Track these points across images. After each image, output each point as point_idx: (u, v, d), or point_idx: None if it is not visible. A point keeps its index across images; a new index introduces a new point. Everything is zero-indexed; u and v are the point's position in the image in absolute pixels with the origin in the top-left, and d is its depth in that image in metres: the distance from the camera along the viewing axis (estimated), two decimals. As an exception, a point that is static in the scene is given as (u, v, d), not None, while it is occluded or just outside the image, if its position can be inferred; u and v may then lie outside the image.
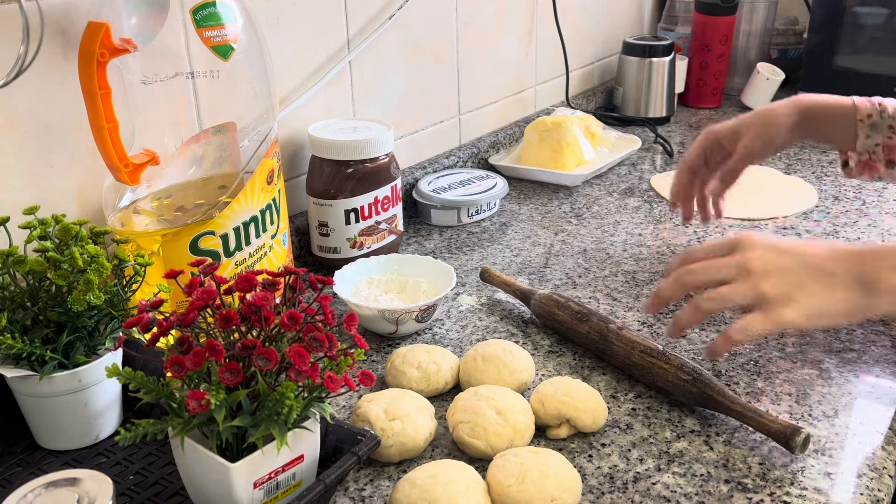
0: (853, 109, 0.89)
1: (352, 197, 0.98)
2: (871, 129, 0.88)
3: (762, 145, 0.92)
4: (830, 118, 0.90)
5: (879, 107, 0.89)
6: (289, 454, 0.56)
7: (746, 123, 0.93)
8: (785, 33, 1.84)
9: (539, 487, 0.61)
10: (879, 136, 0.88)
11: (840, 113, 0.90)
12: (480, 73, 1.36)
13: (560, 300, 0.86)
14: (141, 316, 0.55)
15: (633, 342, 0.78)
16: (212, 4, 0.75)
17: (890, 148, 0.88)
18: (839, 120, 0.90)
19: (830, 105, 0.90)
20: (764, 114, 0.92)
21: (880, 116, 0.88)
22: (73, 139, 0.78)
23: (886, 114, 0.88)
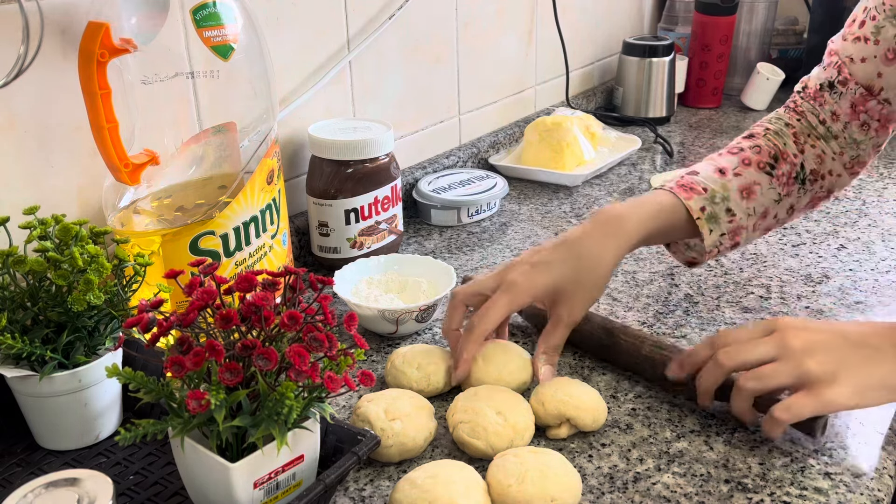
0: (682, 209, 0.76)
1: (352, 197, 0.98)
2: (711, 221, 0.77)
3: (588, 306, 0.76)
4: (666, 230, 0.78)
5: (706, 192, 0.77)
6: (289, 454, 0.56)
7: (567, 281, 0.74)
8: (785, 33, 1.84)
9: (539, 487, 0.61)
10: (723, 226, 0.78)
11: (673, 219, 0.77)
12: (480, 73, 1.36)
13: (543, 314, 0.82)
14: (141, 316, 0.55)
15: (642, 336, 0.77)
16: (212, 4, 0.75)
17: (734, 232, 0.78)
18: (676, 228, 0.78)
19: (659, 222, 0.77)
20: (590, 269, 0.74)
21: (713, 203, 0.77)
22: (73, 139, 0.78)
23: (717, 196, 0.77)
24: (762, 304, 0.93)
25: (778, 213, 0.81)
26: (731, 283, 0.98)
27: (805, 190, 0.80)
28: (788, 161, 0.79)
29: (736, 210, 0.78)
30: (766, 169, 0.78)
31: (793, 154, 0.79)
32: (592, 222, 0.76)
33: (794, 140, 0.80)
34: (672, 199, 0.78)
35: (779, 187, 0.78)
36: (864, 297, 0.94)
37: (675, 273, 1.01)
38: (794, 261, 1.04)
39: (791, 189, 0.79)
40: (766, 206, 0.79)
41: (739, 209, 0.78)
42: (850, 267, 1.02)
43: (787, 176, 0.78)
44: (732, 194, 0.78)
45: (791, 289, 0.96)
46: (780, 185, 0.78)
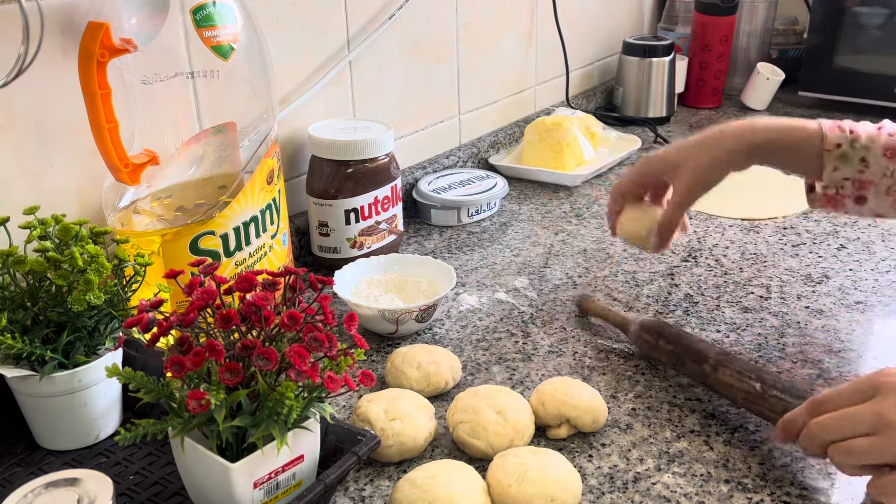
0: (819, 138, 0.76)
1: (352, 197, 0.98)
2: (840, 160, 0.76)
3: (703, 186, 0.79)
4: (791, 149, 0.78)
5: (851, 135, 0.76)
6: (289, 454, 0.56)
7: (686, 155, 0.80)
8: (785, 33, 1.84)
9: (539, 487, 0.61)
10: (849, 170, 0.76)
11: (802, 142, 0.77)
12: (480, 73, 1.36)
13: (651, 342, 0.80)
14: (141, 316, 0.55)
15: (731, 387, 0.72)
16: (212, 4, 0.75)
17: (861, 183, 0.76)
18: (801, 150, 0.77)
19: (791, 134, 0.78)
20: (708, 147, 0.79)
21: (851, 146, 0.75)
22: (73, 139, 0.78)
23: (858, 143, 0.75)
24: (762, 304, 0.93)
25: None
26: (731, 283, 0.98)
27: None
28: None
29: (872, 162, 0.75)
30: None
31: None
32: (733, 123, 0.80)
33: None
34: (815, 126, 0.78)
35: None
36: (865, 297, 0.94)
37: (675, 273, 1.01)
38: (794, 261, 1.04)
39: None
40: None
41: (877, 164, 0.75)
42: (850, 267, 1.02)
43: None
44: (876, 147, 0.75)
45: (791, 289, 0.96)
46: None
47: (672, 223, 0.81)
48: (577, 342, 0.86)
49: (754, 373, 0.71)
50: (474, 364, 0.83)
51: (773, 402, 0.68)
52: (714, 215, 1.18)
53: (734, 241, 1.10)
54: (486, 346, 0.86)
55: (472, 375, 0.81)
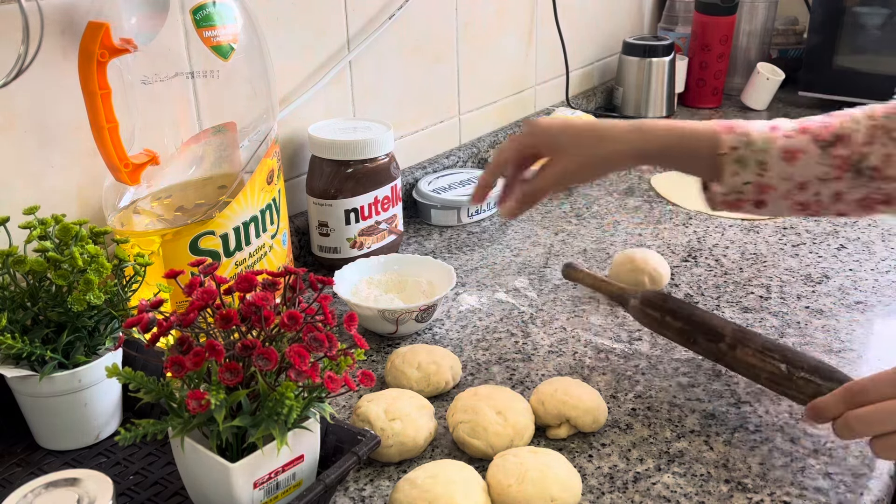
0: (714, 141, 0.74)
1: (352, 197, 0.98)
2: (738, 164, 0.73)
3: (581, 177, 0.77)
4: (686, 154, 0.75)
5: (745, 137, 0.73)
6: (289, 454, 0.56)
7: (572, 141, 0.76)
8: (785, 33, 1.84)
9: (539, 487, 0.61)
10: (749, 174, 0.73)
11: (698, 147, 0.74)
12: (480, 73, 1.36)
13: (656, 317, 0.78)
14: (141, 316, 0.55)
15: (753, 366, 0.70)
16: (212, 4, 0.75)
17: (761, 187, 0.73)
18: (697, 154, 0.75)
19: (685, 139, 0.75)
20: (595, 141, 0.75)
21: (748, 149, 0.73)
22: (73, 139, 0.78)
23: (755, 146, 0.73)
24: (762, 304, 0.93)
25: (821, 193, 0.74)
26: (731, 283, 0.98)
27: (860, 183, 0.73)
28: (850, 147, 0.73)
29: (771, 166, 0.73)
30: (821, 143, 0.73)
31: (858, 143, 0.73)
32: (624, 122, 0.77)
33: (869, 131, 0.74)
34: (709, 129, 0.75)
35: (828, 165, 0.73)
36: (865, 297, 0.94)
37: (675, 273, 1.01)
38: (794, 261, 1.04)
39: (843, 174, 0.73)
40: (806, 178, 0.74)
41: (776, 167, 0.73)
42: (850, 267, 1.02)
43: (843, 159, 0.73)
44: (773, 150, 0.73)
45: (791, 289, 0.96)
46: (831, 164, 0.73)
47: (536, 197, 0.77)
48: (577, 342, 0.86)
49: (777, 352, 0.69)
50: (474, 364, 0.83)
51: (802, 384, 0.67)
52: (714, 215, 1.18)
53: (734, 241, 1.10)
54: (486, 346, 0.86)
55: (472, 375, 0.81)
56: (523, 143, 0.77)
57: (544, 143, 0.77)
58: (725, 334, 0.72)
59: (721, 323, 0.74)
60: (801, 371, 0.68)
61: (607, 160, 0.75)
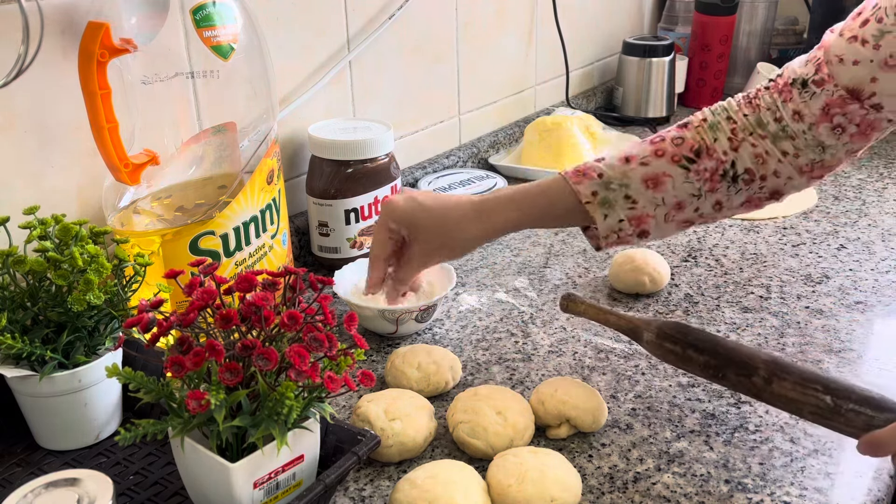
0: (571, 194, 0.73)
1: (352, 197, 0.98)
2: (605, 207, 0.72)
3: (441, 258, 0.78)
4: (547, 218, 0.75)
5: (600, 178, 0.73)
6: (289, 454, 0.56)
7: (424, 225, 0.75)
8: (785, 33, 1.84)
9: (539, 487, 0.61)
10: (620, 211, 0.72)
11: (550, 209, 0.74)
12: (480, 73, 1.36)
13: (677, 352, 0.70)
14: (141, 316, 0.55)
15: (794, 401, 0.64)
16: (212, 4, 0.75)
17: (638, 219, 0.73)
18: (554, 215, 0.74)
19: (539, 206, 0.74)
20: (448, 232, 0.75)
21: (607, 189, 0.72)
22: (73, 139, 0.78)
23: (614, 183, 0.72)
24: (762, 304, 0.93)
25: (701, 208, 0.74)
26: (731, 283, 0.98)
27: (738, 189, 0.73)
28: (714, 158, 0.73)
29: (638, 197, 0.73)
30: (681, 163, 0.73)
31: (722, 151, 0.73)
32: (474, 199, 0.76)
33: (730, 137, 0.74)
34: (562, 183, 0.74)
35: (698, 182, 0.73)
36: (865, 297, 0.94)
37: (675, 273, 1.01)
38: (794, 261, 1.04)
39: (716, 185, 0.73)
40: (680, 199, 0.73)
41: (643, 197, 0.73)
42: (850, 267, 1.02)
43: (711, 172, 0.72)
44: (634, 182, 0.73)
45: (791, 289, 0.96)
46: (699, 179, 0.73)
47: (404, 282, 0.79)
48: (577, 342, 0.86)
49: (819, 383, 0.64)
50: (474, 364, 0.83)
51: (852, 416, 0.62)
52: (714, 215, 1.18)
53: (734, 241, 1.10)
54: (486, 346, 0.86)
55: (472, 375, 0.81)
56: (385, 230, 0.77)
57: (401, 226, 0.76)
58: (758, 367, 0.66)
59: (750, 353, 0.68)
60: (850, 402, 0.62)
61: (462, 247, 0.76)
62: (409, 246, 0.77)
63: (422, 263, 0.77)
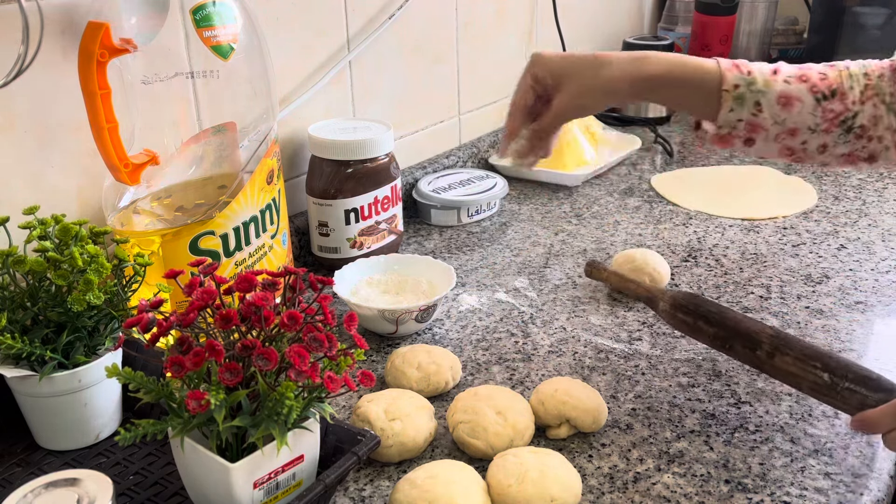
0: (718, 77, 0.75)
1: (352, 197, 0.98)
2: (737, 101, 0.74)
3: (582, 106, 0.77)
4: (686, 85, 0.76)
5: (748, 76, 0.75)
6: (289, 454, 0.56)
7: (572, 71, 0.76)
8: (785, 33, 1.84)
9: (539, 487, 0.61)
10: (744, 112, 0.74)
11: (700, 80, 0.75)
12: (480, 73, 1.36)
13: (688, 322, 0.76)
14: (141, 316, 0.55)
15: (794, 375, 0.68)
16: (211, 4, 0.75)
17: (752, 126, 0.75)
18: (698, 87, 0.75)
19: (688, 70, 0.75)
20: (594, 70, 0.75)
21: (748, 88, 0.74)
22: (73, 139, 0.78)
23: (755, 86, 0.74)
24: (762, 304, 0.93)
25: (808, 143, 0.76)
26: (731, 283, 0.98)
27: (846, 139, 0.76)
28: (844, 103, 0.75)
29: (766, 108, 0.75)
30: (817, 95, 0.75)
31: (851, 101, 0.75)
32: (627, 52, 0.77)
33: (862, 90, 0.75)
34: (713, 64, 0.76)
35: (819, 118, 0.75)
36: (865, 297, 0.94)
37: (675, 273, 1.01)
38: (794, 261, 1.04)
39: (832, 128, 0.75)
40: (797, 126, 0.75)
41: (770, 110, 0.75)
42: (850, 267, 1.02)
43: (835, 115, 0.74)
44: (771, 92, 0.75)
45: (791, 289, 0.96)
46: (823, 117, 0.75)
47: (546, 133, 0.77)
48: (577, 342, 0.86)
49: (818, 360, 0.67)
50: (474, 364, 0.83)
51: (847, 395, 0.66)
52: (714, 215, 1.18)
53: (734, 241, 1.10)
54: (486, 346, 0.86)
55: (472, 375, 0.81)
56: (529, 80, 0.78)
57: (547, 74, 0.76)
58: (763, 340, 0.70)
59: (757, 328, 0.72)
60: (846, 381, 0.66)
61: (607, 88, 0.75)
62: (553, 96, 0.77)
63: (567, 109, 0.76)
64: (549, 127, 0.77)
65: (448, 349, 0.83)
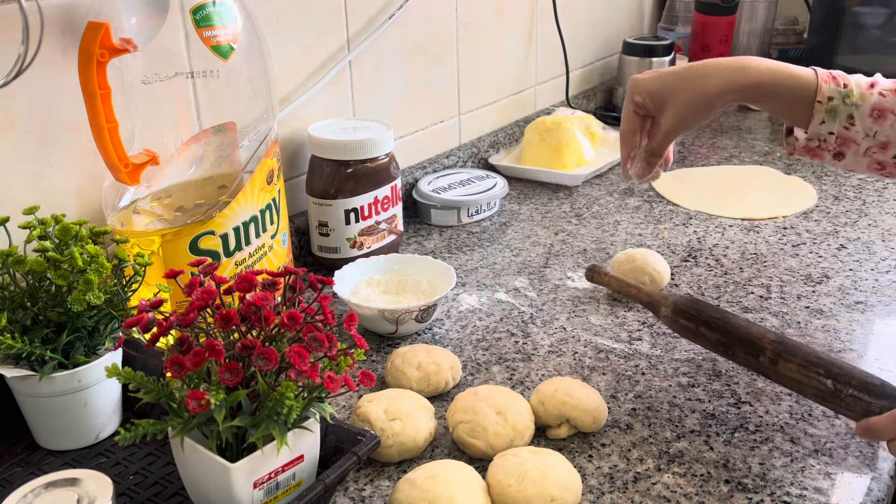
0: (813, 87, 0.74)
1: (352, 197, 0.98)
2: (829, 114, 0.74)
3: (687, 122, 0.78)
4: (782, 94, 0.76)
5: (844, 88, 0.74)
6: (289, 454, 0.56)
7: (673, 89, 0.77)
8: (785, 33, 1.84)
9: (539, 487, 0.61)
10: (835, 125, 0.74)
11: (795, 89, 0.75)
12: (480, 73, 1.36)
13: (690, 328, 0.75)
14: (141, 316, 0.55)
15: (797, 381, 0.68)
16: (211, 4, 0.75)
17: (844, 139, 0.75)
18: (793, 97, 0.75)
19: (784, 79, 0.75)
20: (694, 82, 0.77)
21: (843, 101, 0.74)
22: (73, 139, 0.78)
23: (850, 99, 0.74)
24: (762, 304, 0.93)
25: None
26: (731, 283, 0.98)
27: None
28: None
29: (858, 121, 0.74)
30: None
31: None
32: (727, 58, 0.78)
33: None
34: (810, 74, 0.76)
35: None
36: (865, 297, 0.94)
37: (675, 273, 1.01)
38: (794, 261, 1.04)
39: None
40: (889, 139, 0.74)
41: (863, 122, 0.74)
42: (850, 267, 1.02)
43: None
44: (865, 105, 0.74)
45: (791, 289, 0.96)
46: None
47: (657, 153, 0.80)
48: (577, 342, 0.86)
49: (822, 367, 0.67)
50: (474, 364, 0.83)
51: (851, 401, 0.66)
52: (714, 215, 1.18)
53: (734, 241, 1.10)
54: (486, 346, 0.86)
55: (472, 375, 0.81)
56: (631, 106, 0.80)
57: (647, 98, 0.78)
58: (765, 347, 0.70)
59: (760, 333, 0.72)
60: (849, 388, 0.66)
61: (712, 100, 0.76)
62: (659, 116, 0.78)
63: (675, 127, 0.78)
64: (661, 147, 0.80)
65: (448, 349, 0.83)
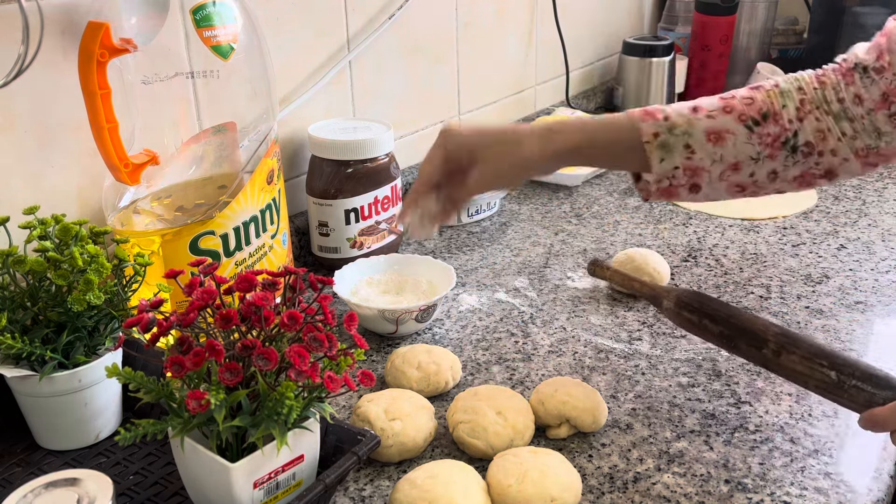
0: (633, 130, 0.72)
1: (352, 197, 0.98)
2: (663, 150, 0.71)
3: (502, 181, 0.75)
4: (605, 148, 0.74)
5: (665, 121, 0.72)
6: (289, 454, 0.56)
7: (485, 151, 0.73)
8: (785, 33, 1.84)
9: (539, 487, 0.61)
10: (676, 158, 0.71)
11: (617, 141, 0.73)
12: (480, 74, 1.36)
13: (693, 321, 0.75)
14: (141, 316, 0.55)
15: (801, 374, 0.68)
16: (212, 4, 0.75)
17: (692, 170, 0.72)
18: (620, 148, 0.73)
19: (601, 135, 0.73)
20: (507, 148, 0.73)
21: (670, 133, 0.72)
22: (73, 139, 0.78)
23: (678, 129, 0.72)
24: (762, 304, 0.93)
25: (756, 174, 0.73)
26: (731, 283, 0.98)
27: (795, 160, 0.73)
28: (780, 124, 0.72)
29: (697, 148, 0.72)
30: (746, 122, 0.72)
31: (788, 119, 0.72)
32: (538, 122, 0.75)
33: (797, 106, 0.73)
34: (627, 120, 0.74)
35: (759, 145, 0.72)
36: (865, 297, 0.94)
37: (675, 273, 1.01)
38: (794, 261, 1.04)
39: (776, 153, 0.72)
40: (738, 159, 0.72)
41: (703, 149, 0.72)
42: (850, 267, 1.02)
43: (774, 138, 0.71)
44: (697, 132, 0.72)
45: (791, 289, 0.96)
46: (761, 143, 0.72)
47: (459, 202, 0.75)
48: (577, 342, 0.86)
49: (825, 358, 0.67)
50: (474, 364, 0.83)
51: (854, 392, 0.65)
52: (714, 215, 1.18)
53: (734, 241, 1.10)
54: (486, 346, 0.86)
55: (472, 375, 0.81)
56: (442, 157, 0.75)
57: (462, 151, 0.74)
58: (768, 339, 0.70)
59: (763, 326, 0.71)
60: (853, 379, 0.65)
61: (523, 165, 0.73)
62: (469, 170, 0.74)
63: (490, 183, 0.74)
64: (466, 196, 0.75)
65: (448, 349, 0.83)
